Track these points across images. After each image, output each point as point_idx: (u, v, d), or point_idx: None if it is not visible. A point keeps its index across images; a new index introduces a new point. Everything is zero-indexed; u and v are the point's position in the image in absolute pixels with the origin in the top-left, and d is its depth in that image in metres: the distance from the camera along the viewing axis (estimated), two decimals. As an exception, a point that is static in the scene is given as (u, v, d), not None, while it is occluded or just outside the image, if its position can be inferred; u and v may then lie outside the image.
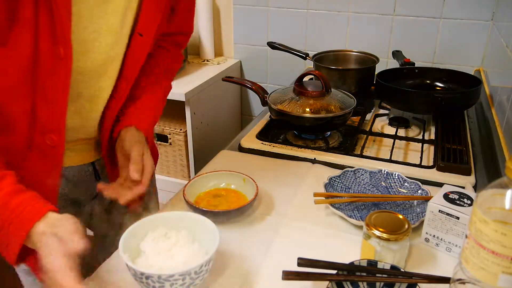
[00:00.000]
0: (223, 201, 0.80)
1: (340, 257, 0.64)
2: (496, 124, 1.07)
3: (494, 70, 1.30)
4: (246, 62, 1.88)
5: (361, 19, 1.61)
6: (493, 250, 0.46)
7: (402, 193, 0.85)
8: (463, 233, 0.67)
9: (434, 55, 1.57)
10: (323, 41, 1.69)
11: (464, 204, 0.68)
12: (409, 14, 1.54)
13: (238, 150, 1.04)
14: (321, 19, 1.66)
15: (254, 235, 0.75)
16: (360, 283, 0.61)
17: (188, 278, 0.57)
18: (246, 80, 1.15)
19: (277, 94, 1.09)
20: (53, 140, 0.68)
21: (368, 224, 0.64)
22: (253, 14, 1.75)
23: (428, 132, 1.13)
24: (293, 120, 1.02)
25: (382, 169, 0.89)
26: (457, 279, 0.52)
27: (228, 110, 1.87)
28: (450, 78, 1.25)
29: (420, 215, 0.77)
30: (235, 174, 0.84)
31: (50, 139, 0.68)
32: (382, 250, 0.64)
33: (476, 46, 1.50)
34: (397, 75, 1.27)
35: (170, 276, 0.55)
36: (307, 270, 0.61)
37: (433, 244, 0.71)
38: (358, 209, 0.81)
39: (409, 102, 1.13)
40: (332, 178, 0.87)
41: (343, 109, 1.02)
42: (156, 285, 0.56)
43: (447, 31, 1.52)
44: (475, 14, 1.46)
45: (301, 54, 1.41)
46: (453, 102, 1.09)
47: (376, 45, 1.61)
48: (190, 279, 0.57)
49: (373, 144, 1.08)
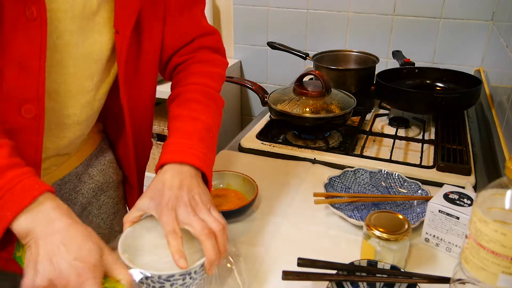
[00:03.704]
0: (223, 201, 0.80)
1: (340, 257, 0.64)
2: (496, 124, 1.07)
3: (494, 70, 1.30)
4: (246, 62, 1.87)
5: (361, 19, 1.61)
6: (493, 250, 0.46)
7: (402, 193, 0.85)
8: (463, 233, 0.67)
9: (434, 55, 1.56)
10: (323, 41, 1.68)
11: (464, 204, 0.68)
12: (409, 14, 1.54)
13: (238, 150, 1.04)
14: (321, 19, 1.66)
15: (254, 235, 0.75)
16: (360, 283, 0.61)
17: (188, 277, 0.56)
18: (246, 80, 1.15)
19: (277, 94, 1.09)
20: (31, 110, 0.59)
21: (368, 224, 0.65)
22: (253, 14, 1.75)
23: (428, 132, 1.13)
24: (293, 120, 1.02)
25: (382, 169, 0.89)
26: (457, 279, 0.52)
27: (228, 110, 1.87)
28: (450, 78, 1.25)
29: (420, 215, 0.77)
30: (235, 174, 0.84)
31: (28, 110, 0.59)
32: (382, 250, 0.64)
33: (476, 46, 1.50)
34: (397, 75, 1.27)
35: (170, 276, 0.55)
36: (307, 270, 0.61)
37: (433, 244, 0.71)
38: (358, 209, 0.81)
39: (409, 102, 1.13)
40: (332, 178, 0.87)
41: (343, 109, 1.02)
42: (156, 285, 0.56)
43: (447, 31, 1.51)
44: (475, 14, 1.46)
45: (301, 54, 1.41)
46: (453, 102, 1.09)
47: (376, 45, 1.61)
48: (190, 278, 0.57)
49: (373, 144, 1.08)
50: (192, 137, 0.66)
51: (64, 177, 0.78)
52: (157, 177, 0.62)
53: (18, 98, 0.58)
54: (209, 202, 0.61)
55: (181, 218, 0.58)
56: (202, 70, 0.77)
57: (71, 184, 0.79)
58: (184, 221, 0.57)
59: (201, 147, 0.66)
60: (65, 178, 0.78)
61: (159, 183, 0.61)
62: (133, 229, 0.62)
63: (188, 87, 0.74)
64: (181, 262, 0.55)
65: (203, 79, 0.76)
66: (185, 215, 0.58)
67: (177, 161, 0.63)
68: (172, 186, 0.60)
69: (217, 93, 0.77)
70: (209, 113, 0.71)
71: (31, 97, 0.59)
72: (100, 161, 0.84)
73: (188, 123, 0.68)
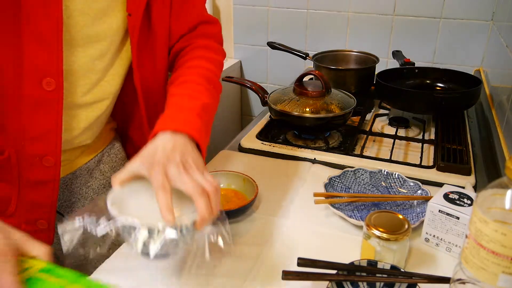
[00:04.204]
0: (223, 201, 0.80)
1: (340, 257, 0.64)
2: (496, 124, 1.07)
3: (494, 70, 1.30)
4: (246, 62, 1.88)
5: (361, 19, 1.61)
6: (493, 250, 0.46)
7: (402, 193, 0.85)
8: (463, 233, 0.67)
9: (434, 55, 1.57)
10: (323, 41, 1.69)
11: (464, 204, 0.68)
12: (409, 14, 1.54)
13: (238, 150, 1.04)
14: (321, 19, 1.66)
15: (254, 235, 0.75)
16: (360, 283, 0.61)
17: (179, 234, 0.53)
18: (246, 80, 1.15)
19: (277, 94, 1.09)
20: (52, 83, 0.63)
21: (368, 224, 0.65)
22: (253, 14, 1.75)
23: (428, 132, 1.13)
24: (293, 120, 1.02)
25: (382, 169, 0.89)
26: (457, 279, 0.52)
27: (228, 110, 1.87)
28: (450, 78, 1.25)
29: (420, 215, 0.77)
30: (235, 174, 0.84)
31: (49, 83, 0.63)
32: (382, 250, 0.64)
33: (476, 46, 1.50)
34: (397, 75, 1.27)
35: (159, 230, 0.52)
36: (307, 270, 0.61)
37: (433, 244, 0.71)
38: (358, 209, 0.81)
39: (409, 102, 1.13)
40: (332, 178, 0.87)
41: (343, 109, 1.02)
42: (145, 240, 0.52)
43: (447, 31, 1.51)
44: (475, 14, 1.46)
45: (301, 54, 1.41)
46: (453, 102, 1.09)
47: (376, 45, 1.61)
48: (181, 235, 0.53)
49: (373, 144, 1.08)
50: (188, 112, 0.65)
51: (75, 171, 0.80)
52: (149, 143, 0.60)
53: (39, 71, 0.62)
54: (202, 167, 0.59)
55: (173, 176, 0.55)
56: (203, 55, 0.78)
57: (82, 179, 0.81)
58: (176, 180, 0.55)
59: (197, 121, 0.64)
60: (76, 172, 0.80)
61: (151, 147, 0.59)
62: (122, 189, 0.58)
63: (188, 70, 0.75)
64: (168, 216, 0.52)
65: (203, 63, 0.76)
66: (176, 174, 0.55)
67: (172, 129, 0.61)
68: (165, 148, 0.57)
69: (217, 78, 0.77)
70: (207, 95, 0.71)
71: (51, 71, 0.62)
72: (111, 158, 0.87)
73: (185, 101, 0.68)
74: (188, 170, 0.56)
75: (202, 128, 0.64)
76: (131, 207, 0.58)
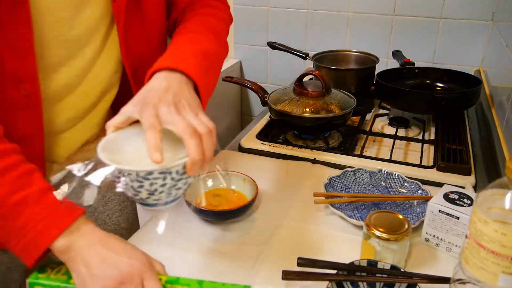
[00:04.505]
0: (223, 201, 0.80)
1: (340, 257, 0.64)
2: (496, 124, 1.07)
3: (494, 70, 1.30)
4: (246, 62, 1.87)
5: (361, 19, 1.61)
6: (493, 250, 0.46)
7: (402, 193, 0.85)
8: (463, 233, 0.67)
9: (434, 55, 1.56)
10: (323, 41, 1.68)
11: (464, 204, 0.68)
12: (409, 14, 1.54)
13: (238, 150, 1.04)
14: (321, 19, 1.66)
15: (254, 235, 0.75)
16: (360, 283, 0.61)
17: (169, 178, 0.51)
18: (246, 80, 1.15)
19: (277, 94, 1.09)
20: (26, 89, 0.61)
21: (368, 224, 0.65)
22: (253, 14, 1.75)
23: (428, 132, 1.13)
24: (293, 120, 1.02)
25: (382, 169, 0.89)
26: (457, 279, 0.52)
27: (228, 110, 1.87)
28: (450, 78, 1.25)
29: (420, 215, 0.77)
30: (235, 174, 0.84)
31: (24, 89, 0.60)
32: (382, 250, 0.64)
33: (476, 46, 1.50)
34: (397, 75, 1.27)
35: (148, 174, 0.50)
36: (307, 270, 0.61)
37: (433, 244, 0.71)
38: (358, 209, 0.81)
39: (409, 102, 1.13)
40: (332, 178, 0.87)
41: (343, 109, 1.02)
42: (135, 184, 0.51)
43: (447, 31, 1.51)
44: (475, 14, 1.46)
45: (301, 54, 1.41)
46: (453, 102, 1.09)
47: (376, 45, 1.61)
48: (171, 179, 0.51)
49: (373, 144, 1.08)
50: (186, 52, 0.63)
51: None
52: (145, 85, 0.58)
53: (16, 77, 0.60)
54: (197, 108, 0.55)
55: (163, 116, 0.52)
56: (205, 11, 0.75)
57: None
58: (166, 120, 0.52)
59: (194, 61, 0.61)
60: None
61: (145, 89, 0.56)
62: (116, 134, 0.56)
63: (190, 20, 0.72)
64: (156, 155, 0.49)
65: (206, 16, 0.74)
66: (167, 114, 0.52)
67: (168, 66, 0.58)
68: (158, 89, 0.55)
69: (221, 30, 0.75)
70: (209, 43, 0.67)
71: (26, 76, 0.61)
72: None
73: (185, 45, 0.65)
74: (180, 110, 0.53)
75: (201, 70, 0.61)
76: (123, 153, 0.56)
